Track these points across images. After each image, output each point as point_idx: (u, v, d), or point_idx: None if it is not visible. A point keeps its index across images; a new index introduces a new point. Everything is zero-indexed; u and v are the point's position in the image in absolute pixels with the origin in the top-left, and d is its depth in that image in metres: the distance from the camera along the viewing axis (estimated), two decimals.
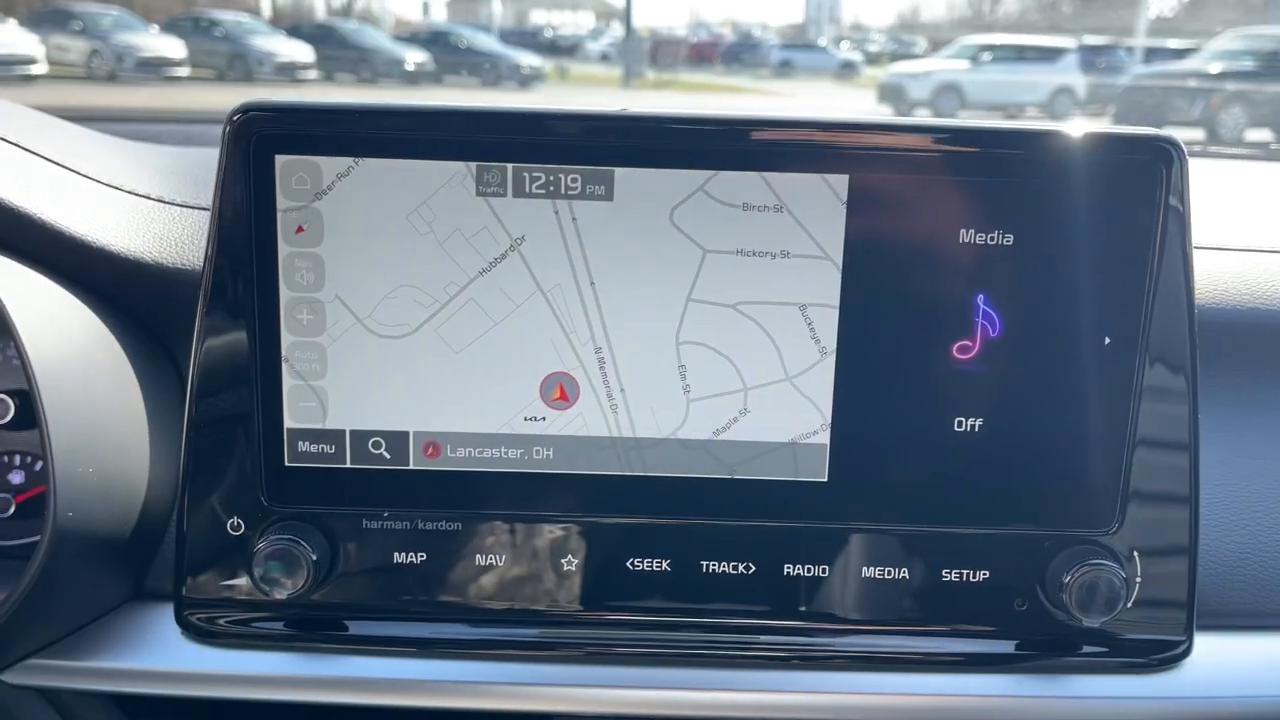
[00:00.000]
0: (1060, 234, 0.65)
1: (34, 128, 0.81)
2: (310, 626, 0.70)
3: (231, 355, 0.67)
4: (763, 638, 0.70)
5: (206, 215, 0.73)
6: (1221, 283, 0.82)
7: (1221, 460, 0.77)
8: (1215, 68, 12.24)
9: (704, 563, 0.69)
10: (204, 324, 0.66)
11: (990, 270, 0.66)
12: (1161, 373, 0.67)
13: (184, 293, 0.74)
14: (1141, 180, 0.65)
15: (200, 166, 0.89)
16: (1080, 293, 0.66)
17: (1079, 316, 0.66)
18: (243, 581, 0.69)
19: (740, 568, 0.69)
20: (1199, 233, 0.83)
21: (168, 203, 0.81)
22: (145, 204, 0.80)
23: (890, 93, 14.33)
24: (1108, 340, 0.67)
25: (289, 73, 15.21)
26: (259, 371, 0.67)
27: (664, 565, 0.70)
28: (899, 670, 0.70)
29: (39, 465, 0.75)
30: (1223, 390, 0.79)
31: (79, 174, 0.79)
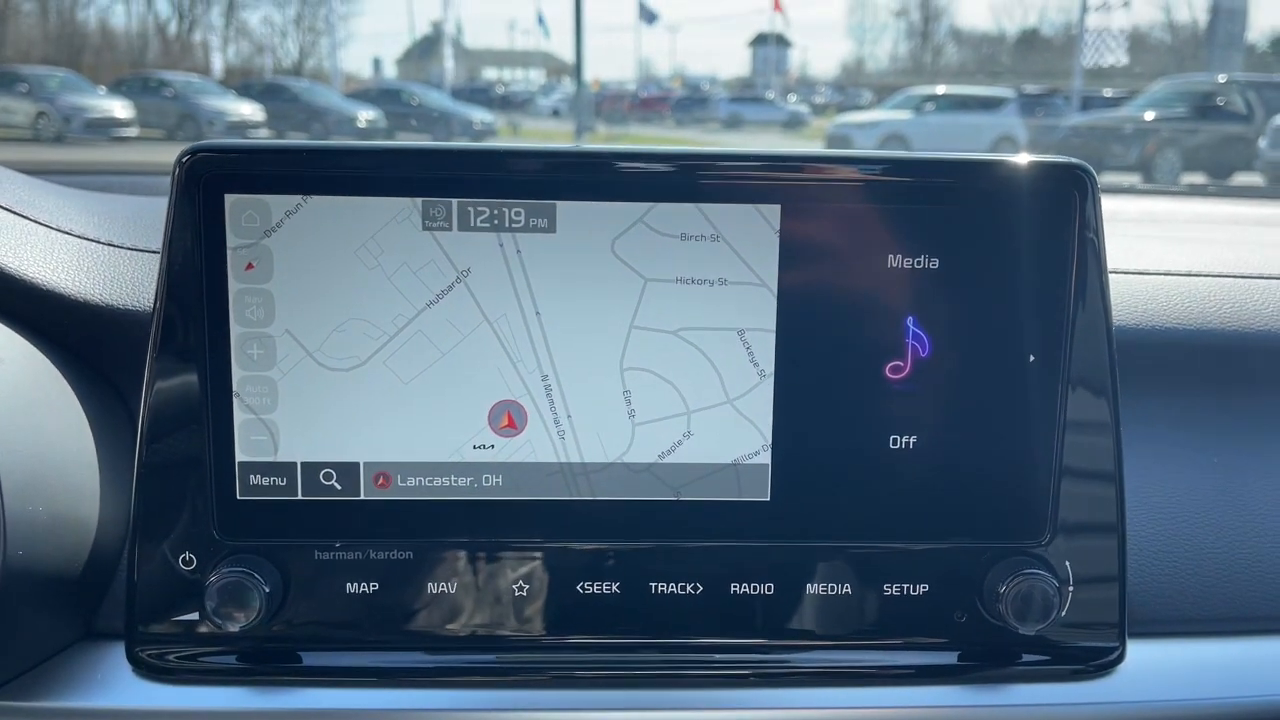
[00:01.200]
0: (983, 257, 0.69)
1: None
2: (264, 659, 0.71)
3: (182, 390, 0.68)
4: (715, 656, 0.72)
5: (156, 258, 0.74)
6: (1141, 304, 0.86)
7: (1146, 474, 0.81)
8: (1150, 114, 12.61)
9: (653, 584, 0.71)
10: (155, 359, 0.68)
11: (918, 293, 0.69)
12: (1084, 388, 0.70)
13: (133, 334, 0.75)
14: (1058, 205, 0.69)
15: (148, 213, 0.90)
16: (1004, 312, 0.69)
17: (1003, 335, 0.69)
18: (195, 616, 0.70)
19: (689, 588, 0.71)
20: (1123, 259, 0.87)
21: (117, 246, 0.82)
22: (95, 248, 0.81)
23: (837, 143, 14.65)
24: (1032, 358, 0.70)
25: (240, 132, 15.25)
26: (210, 406, 0.68)
27: (614, 588, 0.71)
28: (848, 684, 0.72)
29: None
30: (1145, 407, 0.83)
31: (27, 219, 0.80)
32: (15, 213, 0.79)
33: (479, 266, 0.68)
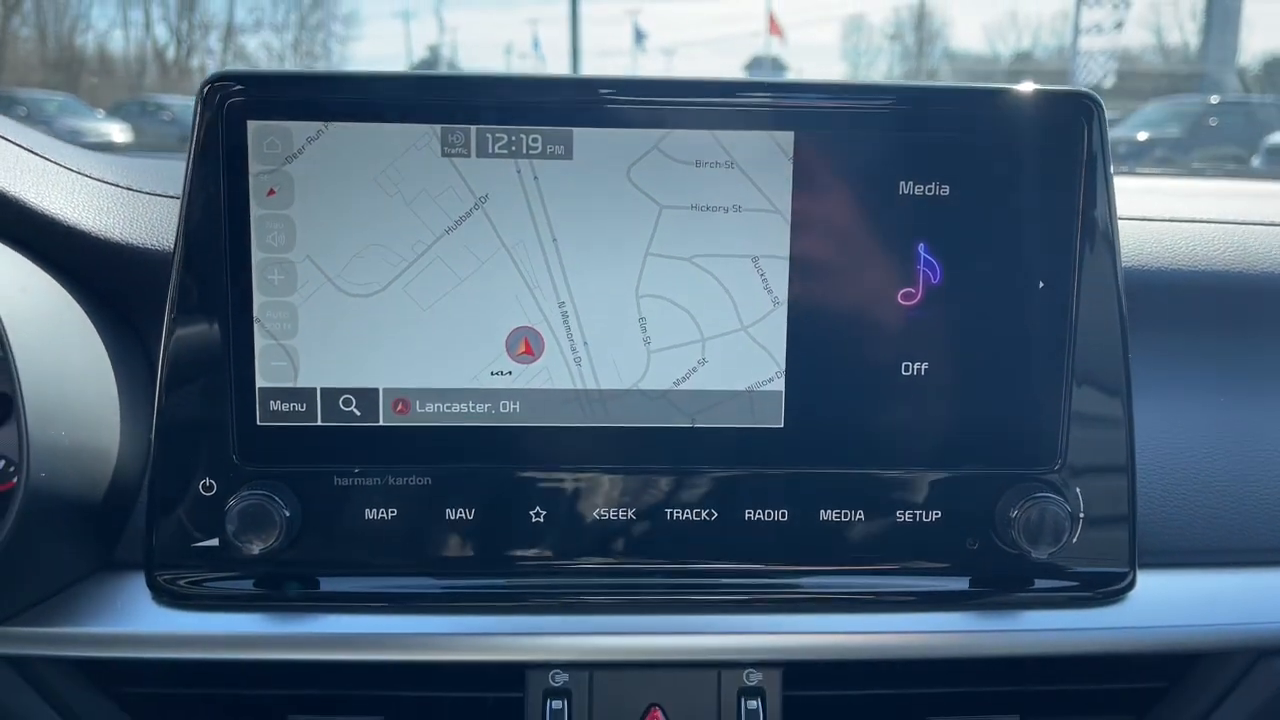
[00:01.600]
0: (992, 184, 0.70)
1: (6, 124, 0.84)
2: (283, 585, 0.71)
3: (204, 315, 0.69)
4: (728, 580, 0.73)
5: (176, 203, 0.75)
6: (1148, 248, 0.87)
7: (1154, 410, 0.82)
8: (1143, 135, 12.64)
9: (667, 510, 0.72)
10: (177, 284, 0.68)
11: (929, 220, 0.70)
12: (1093, 314, 0.71)
13: (153, 275, 0.76)
14: (1066, 132, 0.70)
15: (169, 167, 0.91)
16: (1014, 239, 0.70)
17: (1013, 262, 0.71)
18: (214, 542, 0.70)
19: (703, 514, 0.72)
20: (1131, 208, 0.89)
21: (138, 191, 0.83)
22: (117, 191, 0.82)
23: None
24: (1041, 284, 0.71)
25: None
26: (231, 331, 0.69)
27: (629, 514, 0.72)
28: (860, 610, 0.73)
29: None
30: (1153, 347, 0.84)
31: (49, 160, 0.81)
32: (38, 154, 0.80)
33: (497, 193, 0.69)
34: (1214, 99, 13.65)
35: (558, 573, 0.72)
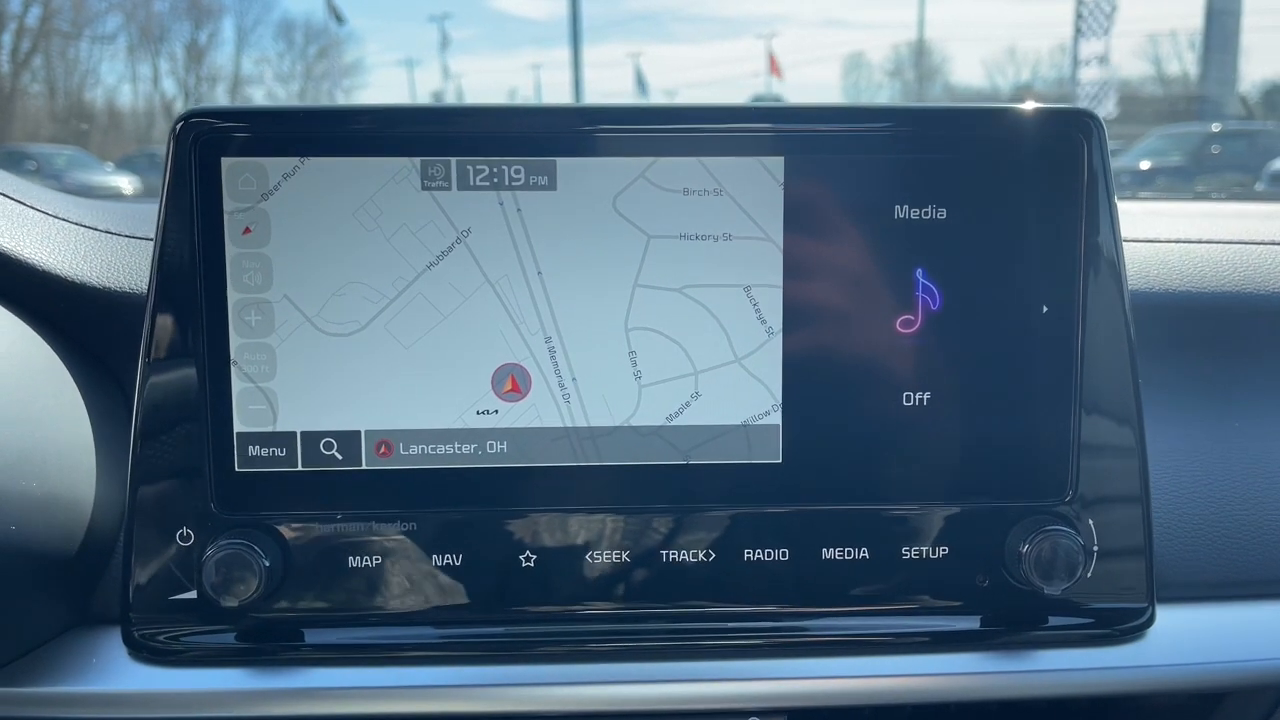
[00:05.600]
0: (992, 206, 0.68)
1: None
2: (266, 638, 0.69)
3: (179, 359, 0.67)
4: (730, 625, 0.70)
5: (150, 245, 0.73)
6: (1154, 270, 0.84)
7: (1167, 439, 0.79)
8: (1145, 164, 12.66)
9: (664, 552, 0.69)
10: (151, 328, 0.66)
11: (927, 244, 0.68)
12: (1101, 338, 0.69)
13: (130, 319, 0.74)
14: (1065, 152, 0.68)
15: (145, 212, 0.89)
16: (1015, 262, 0.68)
17: (1015, 286, 0.68)
18: (193, 595, 0.68)
19: (701, 555, 0.69)
20: (1135, 230, 0.86)
21: (115, 234, 0.81)
22: (92, 234, 0.80)
23: None
24: (1045, 309, 0.68)
25: None
26: (207, 375, 0.67)
27: (624, 556, 0.69)
28: (866, 653, 0.69)
29: None
30: (1163, 372, 0.81)
31: (24, 204, 0.79)
32: (12, 198, 0.78)
33: (479, 226, 0.67)
34: (1215, 127, 13.67)
35: (550, 620, 0.69)
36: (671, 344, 0.68)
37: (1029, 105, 0.68)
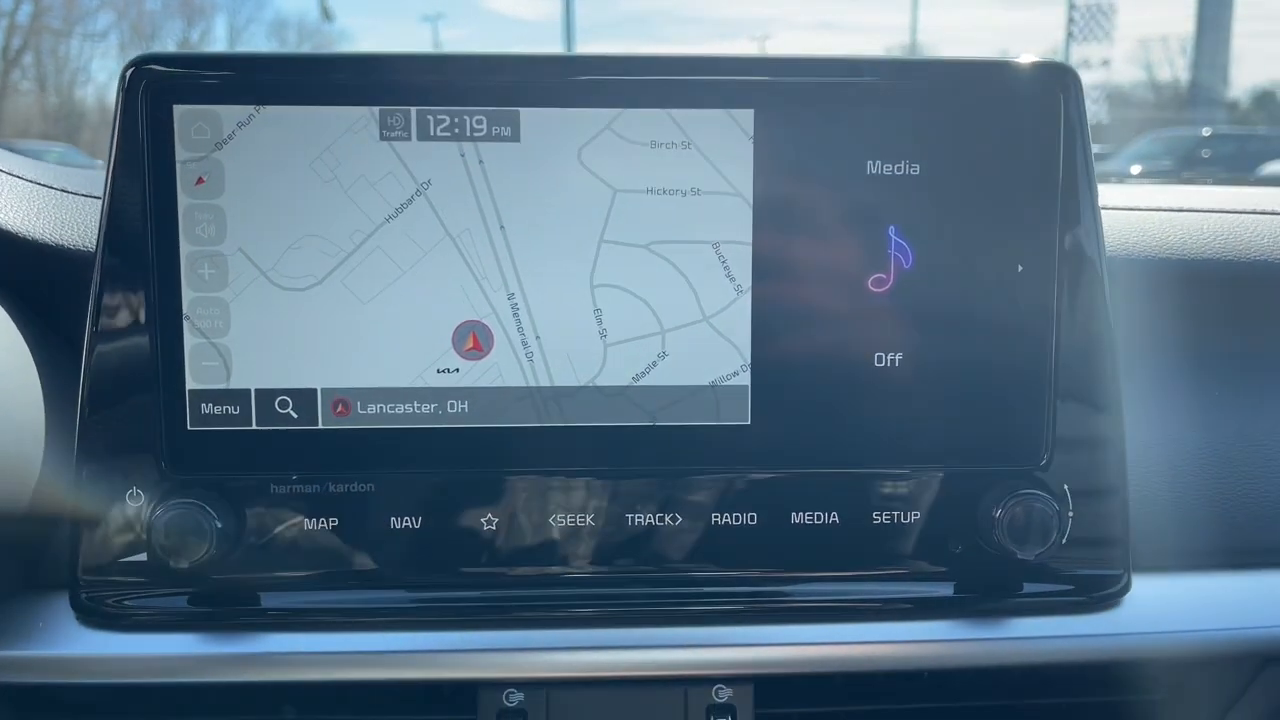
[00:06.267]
0: (965, 162, 0.66)
1: None
2: (219, 602, 0.67)
3: (130, 314, 0.65)
4: (694, 590, 0.68)
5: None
6: (1133, 238, 0.83)
7: (1144, 407, 0.77)
8: (1136, 168, 12.68)
9: (628, 515, 0.67)
10: (101, 282, 0.64)
11: (899, 201, 0.66)
12: (1078, 298, 0.67)
13: (81, 277, 0.71)
14: (1041, 106, 0.66)
15: (100, 175, 0.87)
16: (990, 219, 0.66)
17: (990, 244, 0.66)
18: (142, 557, 0.66)
19: (666, 519, 0.67)
20: (1114, 199, 0.85)
21: (70, 192, 0.79)
22: (45, 192, 0.78)
23: None
24: (1020, 268, 0.67)
25: None
26: (159, 330, 0.65)
27: (587, 520, 0.67)
28: (837, 620, 0.68)
29: None
30: (1139, 341, 0.79)
31: None
32: None
33: (440, 178, 0.65)
34: (1205, 131, 13.70)
35: (512, 584, 0.67)
36: (638, 302, 0.66)
37: (1004, 58, 0.66)
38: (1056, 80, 0.66)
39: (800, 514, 0.68)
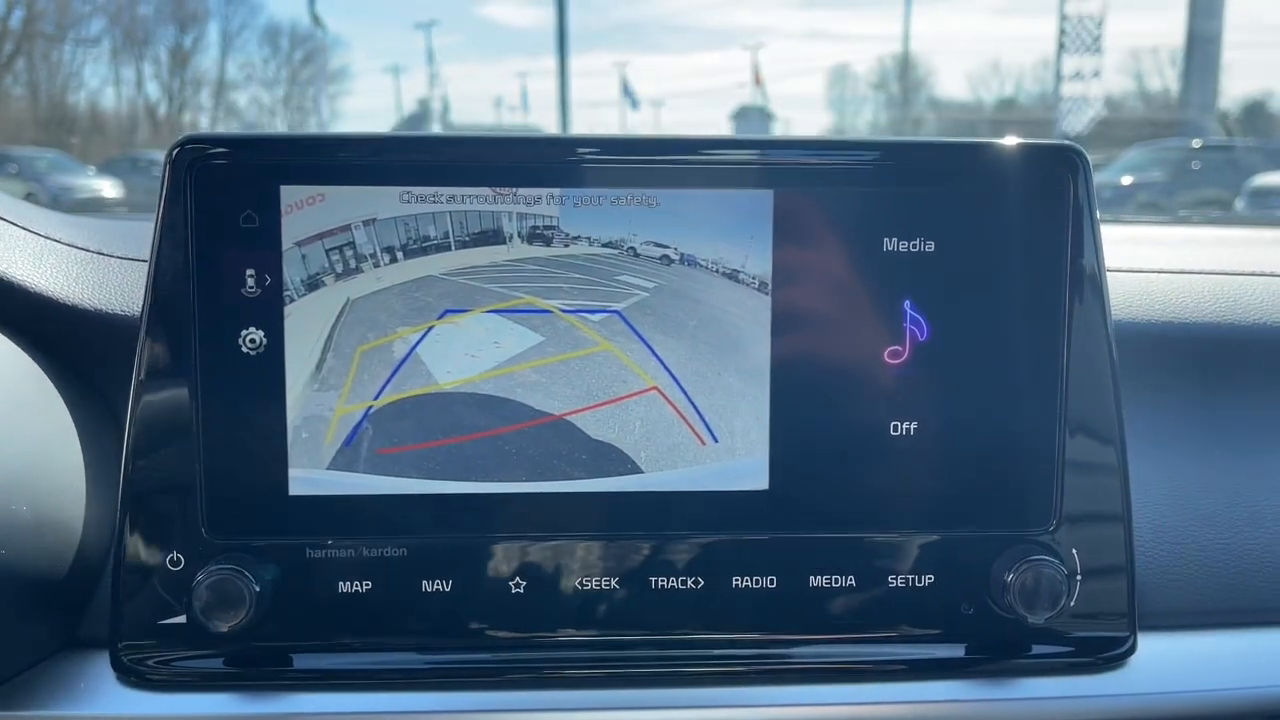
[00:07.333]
0: (978, 239, 0.68)
1: None
2: (254, 663, 0.69)
3: (172, 384, 0.67)
4: (715, 652, 0.70)
5: (145, 267, 0.73)
6: (1136, 300, 0.86)
7: (1149, 467, 0.80)
8: (1127, 179, 12.74)
9: (650, 579, 0.69)
10: (145, 349, 0.66)
11: (914, 276, 0.68)
12: (1085, 370, 0.70)
13: (121, 340, 0.74)
14: (1051, 186, 0.69)
15: (138, 230, 0.89)
16: (1001, 294, 0.69)
17: (1001, 318, 0.69)
18: (181, 620, 0.68)
19: (688, 582, 0.69)
20: (1116, 259, 0.87)
21: (107, 255, 0.81)
22: (84, 255, 0.81)
23: None
24: (1031, 340, 0.69)
25: None
26: (199, 400, 0.67)
27: (611, 583, 0.69)
28: (854, 680, 0.70)
29: None
30: (1144, 401, 0.82)
31: (15, 225, 0.79)
32: (4, 219, 0.78)
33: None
34: (1196, 143, 13.78)
35: (539, 646, 0.69)
36: None
37: (1015, 140, 0.69)
38: (1065, 161, 0.69)
39: (817, 577, 0.70)
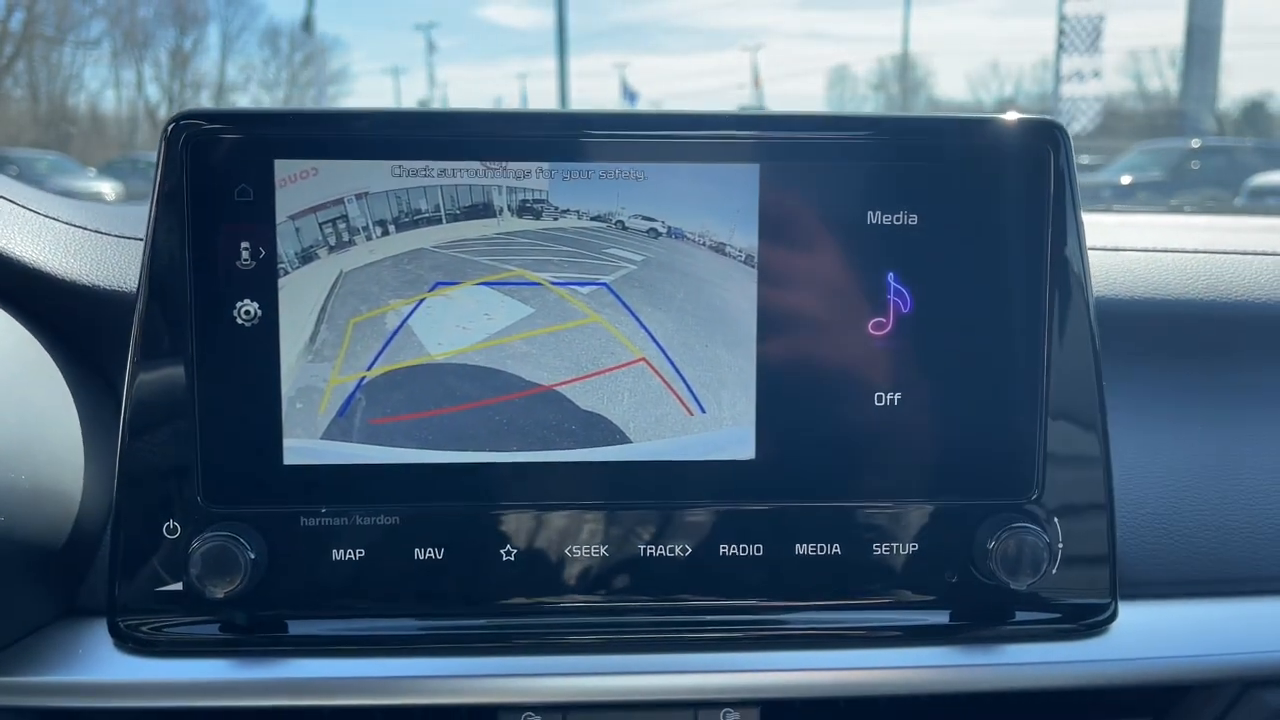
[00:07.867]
0: (961, 212, 0.70)
1: None
2: (250, 629, 0.70)
3: (170, 352, 0.68)
4: (703, 618, 0.71)
5: (140, 244, 0.74)
6: (1119, 278, 0.87)
7: (1131, 440, 0.81)
8: (1126, 179, 12.74)
9: (640, 547, 0.71)
10: (142, 320, 0.68)
11: (898, 249, 0.70)
12: (1066, 341, 0.71)
13: (118, 312, 0.75)
14: (1033, 160, 0.70)
15: (134, 213, 0.90)
16: (983, 267, 0.70)
17: (984, 289, 0.70)
18: (178, 586, 0.69)
19: (676, 550, 0.71)
20: (1101, 239, 0.89)
21: (105, 234, 0.83)
22: (82, 233, 0.82)
23: None
24: (1013, 311, 0.71)
25: None
26: (195, 369, 0.68)
27: (602, 550, 0.71)
28: (838, 646, 0.71)
29: None
30: (1127, 376, 0.83)
31: (14, 203, 0.80)
32: (3, 197, 0.80)
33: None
34: (1195, 143, 13.79)
35: (530, 612, 0.71)
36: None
37: (998, 115, 0.70)
38: (1047, 135, 0.70)
39: (804, 546, 0.71)
